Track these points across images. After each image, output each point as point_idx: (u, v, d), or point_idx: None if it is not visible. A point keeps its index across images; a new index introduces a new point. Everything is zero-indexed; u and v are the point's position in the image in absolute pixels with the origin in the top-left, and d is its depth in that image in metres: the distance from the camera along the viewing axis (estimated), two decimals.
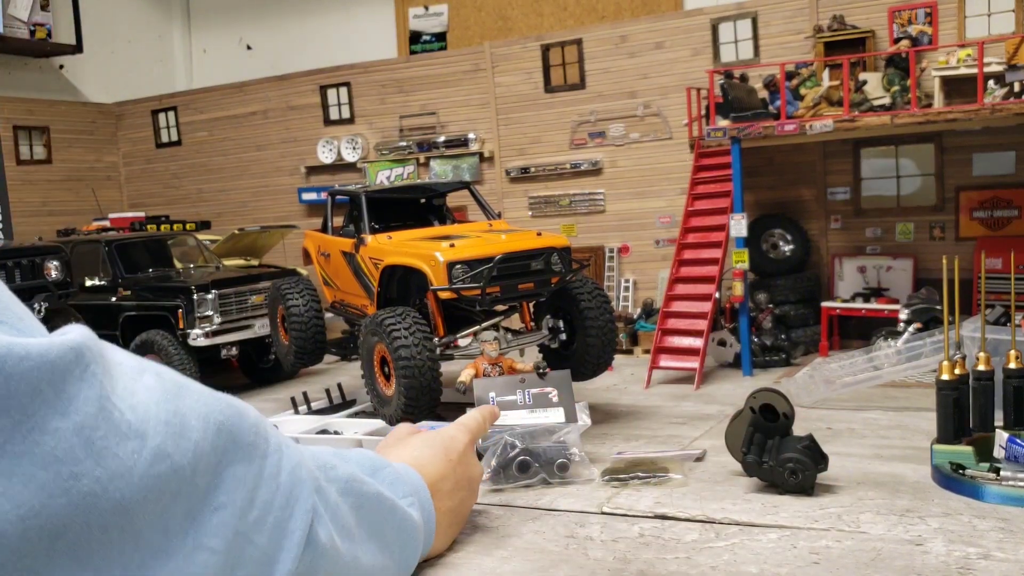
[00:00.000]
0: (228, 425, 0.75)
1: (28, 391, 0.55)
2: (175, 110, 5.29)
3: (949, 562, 1.30)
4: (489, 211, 2.86)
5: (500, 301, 2.39)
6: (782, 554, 1.37)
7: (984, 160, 3.40)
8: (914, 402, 2.46)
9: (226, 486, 0.74)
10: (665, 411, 2.60)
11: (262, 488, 0.79)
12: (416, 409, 2.20)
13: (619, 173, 4.08)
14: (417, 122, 4.55)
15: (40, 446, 0.55)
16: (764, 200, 3.74)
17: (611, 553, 1.42)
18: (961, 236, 3.44)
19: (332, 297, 2.94)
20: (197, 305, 3.26)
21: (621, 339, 3.64)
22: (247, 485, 0.77)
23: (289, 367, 3.01)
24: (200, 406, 0.72)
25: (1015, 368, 1.69)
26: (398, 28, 5.14)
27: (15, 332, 0.58)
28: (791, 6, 3.67)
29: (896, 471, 1.79)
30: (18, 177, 4.82)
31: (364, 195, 2.69)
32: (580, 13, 4.70)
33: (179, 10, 5.78)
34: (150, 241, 3.79)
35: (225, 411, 0.76)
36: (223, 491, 0.73)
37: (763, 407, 1.70)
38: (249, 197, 5.10)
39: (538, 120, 4.24)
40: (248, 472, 0.77)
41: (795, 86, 3.36)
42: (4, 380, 0.54)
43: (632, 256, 4.07)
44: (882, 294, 3.43)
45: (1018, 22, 3.26)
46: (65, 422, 0.57)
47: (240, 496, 0.75)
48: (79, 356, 0.60)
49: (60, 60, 5.20)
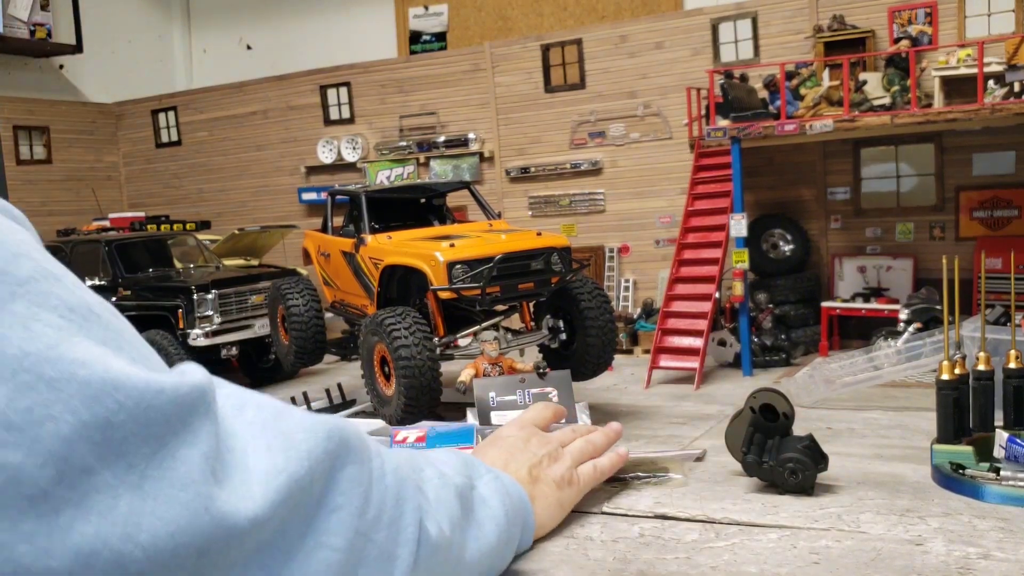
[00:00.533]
0: (336, 430, 0.79)
1: (162, 422, 0.61)
2: (175, 110, 5.29)
3: (949, 562, 1.30)
4: (489, 211, 2.86)
5: (500, 301, 2.39)
6: (782, 554, 1.37)
7: (984, 160, 3.40)
8: (914, 402, 2.46)
9: (341, 487, 0.78)
10: (665, 411, 2.60)
11: (374, 488, 0.83)
12: (416, 409, 2.20)
13: (619, 173, 4.08)
14: (417, 122, 4.55)
15: (175, 471, 0.61)
16: (764, 200, 3.74)
17: (611, 553, 1.42)
18: (961, 236, 3.44)
19: (332, 297, 2.94)
20: (197, 305, 3.26)
21: (621, 339, 3.64)
22: (362, 485, 0.81)
23: (289, 367, 3.01)
24: (305, 420, 0.77)
25: (1015, 368, 1.69)
26: (398, 28, 5.14)
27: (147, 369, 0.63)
28: (791, 6, 3.67)
29: (896, 471, 1.79)
30: (18, 177, 4.82)
31: (364, 195, 2.69)
32: (580, 13, 4.70)
33: (179, 10, 5.78)
34: (150, 241, 3.79)
35: (329, 420, 0.81)
36: (339, 492, 0.78)
37: (763, 407, 1.70)
38: (249, 197, 5.09)
39: (538, 120, 4.24)
40: (361, 473, 0.81)
41: (795, 86, 3.36)
42: (143, 411, 0.60)
43: (632, 256, 4.07)
44: (882, 294, 3.43)
45: (1018, 22, 3.26)
46: (193, 451, 0.63)
47: (356, 496, 0.79)
48: (203, 394, 0.65)
49: (60, 60, 5.20)
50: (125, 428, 0.58)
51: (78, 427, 0.56)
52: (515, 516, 1.20)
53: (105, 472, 0.57)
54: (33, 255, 0.62)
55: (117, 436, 0.58)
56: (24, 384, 0.55)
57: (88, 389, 0.57)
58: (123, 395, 0.59)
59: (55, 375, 0.56)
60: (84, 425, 0.56)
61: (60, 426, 0.55)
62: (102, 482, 0.57)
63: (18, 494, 0.53)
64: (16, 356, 0.55)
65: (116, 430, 0.58)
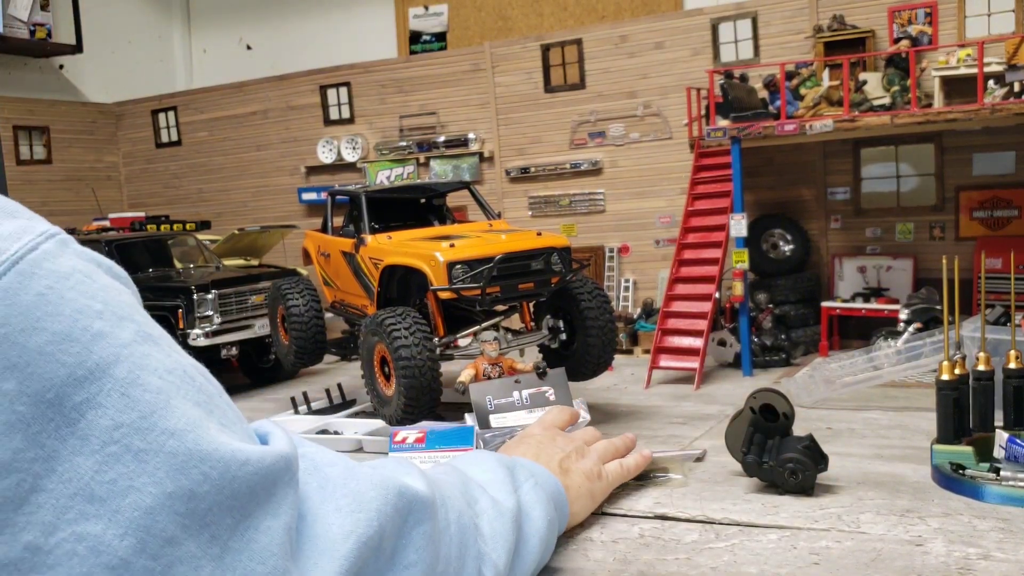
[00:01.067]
0: (408, 488, 0.81)
1: (247, 493, 0.62)
2: (175, 110, 5.29)
3: (949, 562, 1.30)
4: (489, 211, 2.86)
5: (500, 301, 2.39)
6: (782, 555, 1.37)
7: (984, 160, 3.40)
8: (914, 402, 2.46)
9: (415, 545, 0.80)
10: (665, 411, 2.60)
11: (442, 542, 0.86)
12: (416, 409, 2.20)
13: (619, 173, 4.08)
14: (417, 122, 4.55)
15: (256, 543, 0.62)
16: (764, 200, 3.74)
17: (611, 554, 1.42)
18: (961, 236, 3.44)
19: (332, 297, 2.94)
20: (197, 305, 3.26)
21: (621, 339, 3.64)
22: (433, 541, 0.83)
23: (289, 367, 3.01)
24: (376, 476, 0.78)
25: (1015, 368, 1.69)
26: (398, 28, 5.14)
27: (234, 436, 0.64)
28: (791, 6, 3.67)
29: (896, 471, 1.79)
30: (18, 177, 4.82)
31: (364, 195, 2.69)
32: (580, 13, 4.70)
33: (179, 10, 5.78)
34: (150, 241, 3.79)
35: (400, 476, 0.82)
36: (412, 550, 0.80)
37: (763, 407, 1.70)
38: (249, 197, 5.09)
39: (538, 120, 4.24)
40: (432, 529, 0.83)
41: (795, 86, 3.36)
42: (229, 482, 0.60)
43: (632, 256, 4.07)
44: (882, 294, 3.43)
45: (1018, 22, 3.26)
46: (276, 522, 0.64)
47: (428, 553, 0.82)
48: (288, 465, 0.67)
49: (60, 60, 5.20)
50: (209, 499, 0.59)
51: (161, 498, 0.57)
52: (555, 519, 1.24)
53: (189, 542, 0.58)
54: (136, 317, 0.63)
55: (201, 507, 0.59)
56: (112, 456, 0.56)
57: (174, 460, 0.58)
58: (209, 466, 0.60)
59: (143, 446, 0.57)
60: (168, 496, 0.57)
61: (143, 497, 0.56)
62: (186, 552, 0.58)
63: (98, 563, 0.54)
64: (108, 428, 0.57)
65: (200, 501, 0.59)
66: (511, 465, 1.20)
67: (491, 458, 1.21)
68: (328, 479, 0.74)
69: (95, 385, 0.56)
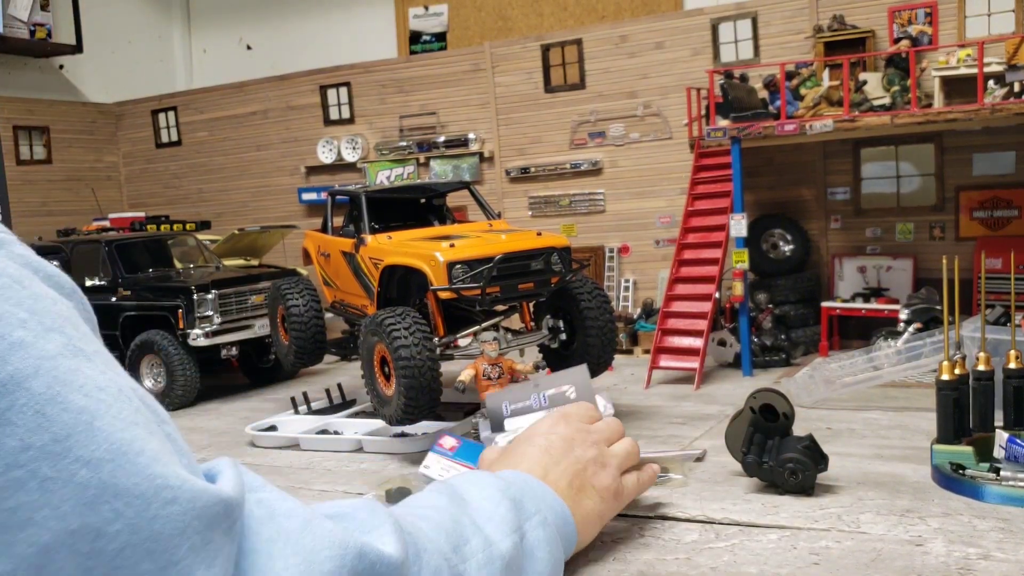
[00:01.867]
0: (370, 551, 0.72)
1: (172, 535, 0.55)
2: (175, 110, 5.29)
3: (949, 562, 1.30)
4: (489, 211, 2.86)
5: (500, 301, 2.39)
6: (782, 555, 1.37)
7: (984, 160, 3.40)
8: (914, 402, 2.46)
9: None
10: (665, 411, 2.60)
11: None
12: (416, 409, 2.20)
13: (619, 173, 4.08)
14: (417, 122, 4.55)
15: None
16: (764, 200, 3.74)
17: (611, 554, 1.42)
18: (961, 236, 3.44)
19: (332, 297, 2.94)
20: (197, 305, 3.25)
21: (621, 339, 3.64)
22: None
23: (289, 367, 3.01)
24: (335, 535, 0.69)
25: (1015, 368, 1.69)
26: (398, 28, 5.14)
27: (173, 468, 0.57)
28: (791, 6, 3.67)
29: (896, 471, 1.79)
30: (18, 177, 4.82)
31: (364, 195, 2.69)
32: (580, 13, 4.70)
33: (179, 10, 5.78)
34: (150, 241, 3.79)
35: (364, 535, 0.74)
36: None
37: (763, 407, 1.70)
38: (249, 197, 5.09)
39: (538, 120, 4.24)
40: None
41: (795, 86, 3.36)
42: (148, 522, 0.53)
43: (632, 256, 4.07)
44: (882, 294, 3.43)
45: (1018, 22, 3.26)
46: (209, 572, 0.57)
47: None
48: (227, 510, 0.60)
49: (60, 60, 5.20)
50: (120, 539, 0.52)
51: (62, 535, 0.50)
52: (560, 557, 1.13)
53: None
54: (67, 330, 0.56)
55: (110, 548, 0.52)
56: (14, 481, 0.49)
57: (84, 493, 0.51)
58: (123, 503, 0.52)
59: (51, 474, 0.50)
60: (70, 534, 0.51)
61: (41, 532, 0.50)
62: None
63: None
64: (15, 450, 0.50)
65: (109, 541, 0.52)
66: (518, 496, 1.08)
67: (497, 486, 1.08)
68: (282, 532, 0.66)
69: (6, 400, 0.50)
